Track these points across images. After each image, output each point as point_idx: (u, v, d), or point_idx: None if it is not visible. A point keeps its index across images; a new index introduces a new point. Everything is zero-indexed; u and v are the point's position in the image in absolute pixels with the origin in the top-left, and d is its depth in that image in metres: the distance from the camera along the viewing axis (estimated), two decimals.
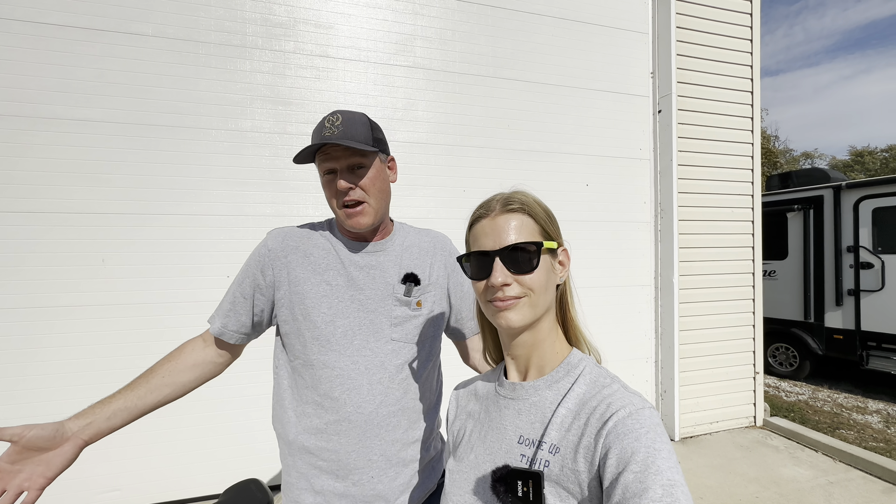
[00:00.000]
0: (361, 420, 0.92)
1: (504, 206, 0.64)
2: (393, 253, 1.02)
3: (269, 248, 0.98)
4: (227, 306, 1.00)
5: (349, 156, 0.91)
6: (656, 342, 3.44)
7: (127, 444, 2.36)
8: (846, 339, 4.88)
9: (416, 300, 1.00)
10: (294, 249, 0.98)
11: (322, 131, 0.90)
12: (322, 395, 0.93)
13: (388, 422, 0.95)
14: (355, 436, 0.92)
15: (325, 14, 2.71)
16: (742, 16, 3.53)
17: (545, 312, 0.65)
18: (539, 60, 3.14)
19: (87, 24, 2.31)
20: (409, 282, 0.99)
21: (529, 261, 0.61)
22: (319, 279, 0.96)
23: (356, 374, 0.93)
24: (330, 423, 0.93)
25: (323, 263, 0.98)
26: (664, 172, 3.36)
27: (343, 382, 0.93)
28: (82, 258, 2.31)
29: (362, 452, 0.93)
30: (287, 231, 1.02)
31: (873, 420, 4.18)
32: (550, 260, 0.65)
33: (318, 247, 0.99)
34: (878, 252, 4.63)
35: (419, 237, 1.08)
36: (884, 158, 22.61)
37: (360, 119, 0.93)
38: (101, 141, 2.33)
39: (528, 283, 0.62)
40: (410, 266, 1.02)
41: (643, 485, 0.47)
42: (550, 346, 0.67)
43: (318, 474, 0.94)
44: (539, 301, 0.63)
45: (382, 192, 0.97)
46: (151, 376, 0.95)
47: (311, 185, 2.66)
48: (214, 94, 2.50)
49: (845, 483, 2.67)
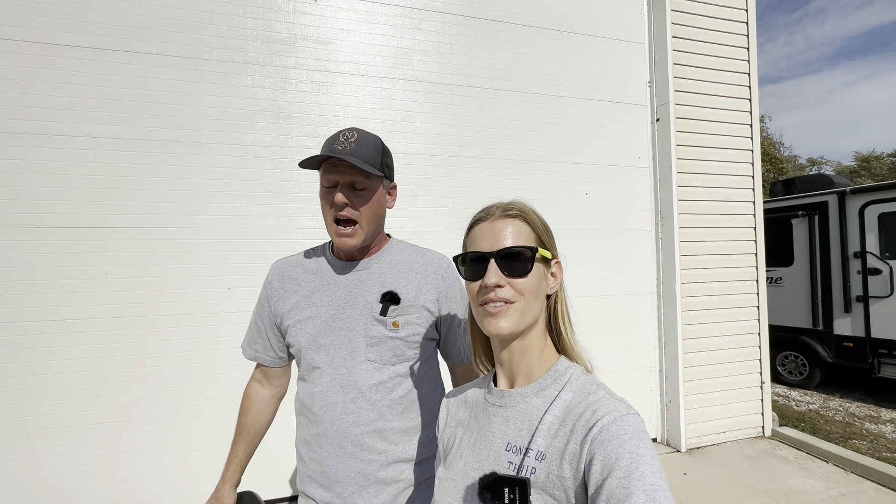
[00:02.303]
0: (337, 436, 0.96)
1: (503, 211, 0.67)
2: (377, 270, 1.02)
3: (269, 280, 1.08)
4: (253, 335, 1.12)
5: (354, 174, 0.93)
6: (659, 351, 3.40)
7: (123, 457, 2.37)
8: (856, 347, 4.79)
9: (393, 320, 0.97)
10: (289, 279, 1.05)
11: (334, 143, 0.92)
12: (308, 409, 1.00)
13: (363, 441, 0.95)
14: (333, 451, 0.96)
15: (324, 30, 2.77)
16: (738, 24, 3.56)
17: (534, 321, 0.66)
18: (536, 72, 3.18)
19: (93, 44, 2.38)
20: (385, 300, 0.98)
21: (524, 265, 0.63)
22: (308, 302, 1.02)
23: (333, 392, 0.97)
24: (314, 435, 0.99)
25: (311, 287, 1.03)
26: (664, 180, 3.36)
27: (322, 399, 0.98)
28: (86, 272, 2.34)
29: (341, 467, 0.96)
30: (284, 262, 1.09)
31: (887, 430, 4.08)
32: (543, 269, 0.66)
33: (309, 271, 1.05)
34: (886, 258, 4.57)
35: (413, 256, 1.06)
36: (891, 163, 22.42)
37: (373, 141, 0.96)
38: (106, 156, 2.38)
39: (520, 287, 0.63)
40: (392, 284, 1.00)
41: (627, 490, 0.47)
42: (539, 354, 0.68)
43: (309, 481, 1.01)
44: (528, 308, 0.64)
45: (376, 216, 0.99)
46: (240, 429, 1.12)
47: (312, 198, 2.69)
48: (216, 110, 2.56)
49: (857, 495, 2.60)
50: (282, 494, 2.60)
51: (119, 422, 2.36)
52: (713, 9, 3.48)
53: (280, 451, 2.56)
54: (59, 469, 2.27)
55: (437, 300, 1.03)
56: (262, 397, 1.14)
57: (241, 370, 2.49)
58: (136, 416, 2.38)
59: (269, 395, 1.16)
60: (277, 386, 1.16)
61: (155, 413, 2.41)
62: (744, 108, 3.55)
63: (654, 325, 3.41)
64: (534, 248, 0.63)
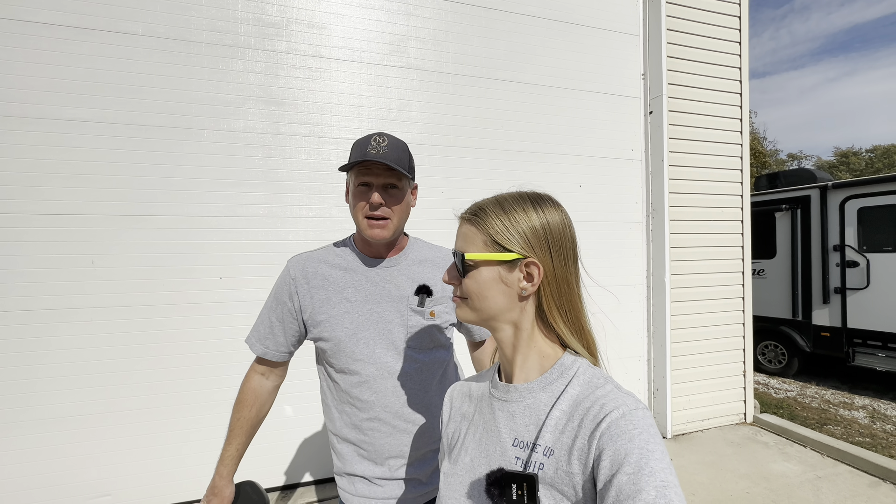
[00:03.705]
0: (390, 417, 1.07)
1: (466, 212, 0.70)
2: (406, 267, 1.12)
3: (292, 276, 1.09)
4: (265, 331, 1.12)
5: (388, 176, 1.01)
6: (649, 341, 3.47)
7: (116, 448, 2.34)
8: (833, 337, 4.98)
9: (430, 310, 1.10)
10: (314, 275, 1.08)
11: (367, 147, 1.00)
12: (354, 398, 1.07)
13: (414, 418, 1.09)
14: (387, 431, 1.07)
15: (318, 14, 2.70)
16: (731, 18, 3.58)
17: (502, 317, 0.66)
18: (532, 62, 3.16)
19: (76, 23, 2.28)
20: (422, 293, 1.09)
21: (460, 268, 0.67)
22: (340, 297, 1.07)
23: (381, 380, 1.06)
24: (364, 420, 1.07)
25: (341, 283, 1.08)
26: (655, 173, 3.40)
27: (370, 387, 1.06)
28: (71, 260, 2.28)
29: (395, 445, 1.08)
30: (305, 258, 1.12)
31: (859, 416, 4.26)
32: (500, 271, 0.65)
33: (336, 267, 1.10)
34: (864, 251, 4.73)
35: (432, 252, 1.18)
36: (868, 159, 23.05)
37: (402, 146, 1.05)
38: (90, 141, 2.30)
39: (463, 289, 0.67)
40: (423, 279, 1.11)
41: (637, 486, 0.47)
42: (537, 351, 0.67)
43: (360, 460, 1.10)
44: (480, 307, 0.66)
45: (404, 214, 1.08)
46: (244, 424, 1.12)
47: (305, 186, 2.65)
48: (206, 94, 2.48)
49: (833, 477, 2.72)
50: (277, 483, 2.61)
51: (107, 413, 2.32)
52: (707, 1, 3.50)
53: (275, 440, 2.57)
54: (47, 461, 2.23)
55: None
56: (265, 389, 1.15)
57: (232, 361, 2.47)
58: (125, 407, 2.34)
59: (273, 386, 1.17)
60: (280, 376, 1.19)
61: (143, 404, 2.37)
62: (734, 103, 3.59)
63: (643, 315, 3.47)
64: (460, 254, 0.67)
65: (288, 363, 1.19)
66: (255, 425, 1.14)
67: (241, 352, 1.16)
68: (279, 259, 2.12)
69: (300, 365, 1.43)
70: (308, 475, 2.68)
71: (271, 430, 2.32)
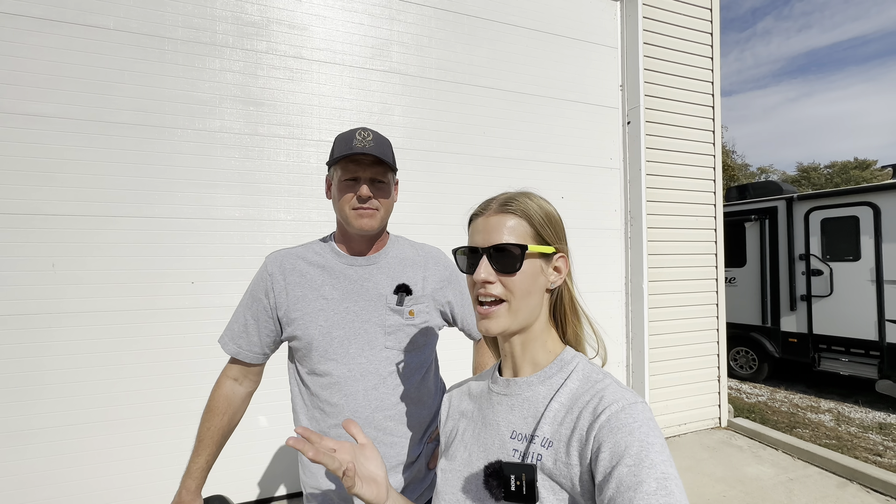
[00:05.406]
0: (360, 423, 0.99)
1: (500, 205, 0.66)
2: (386, 265, 1.09)
3: (269, 272, 1.05)
4: (239, 329, 1.06)
5: (375, 170, 1.00)
6: (627, 346, 3.52)
7: (74, 463, 2.19)
8: (800, 343, 5.17)
9: (409, 309, 1.06)
10: (291, 271, 1.05)
11: (352, 141, 0.98)
12: (324, 402, 1.02)
13: (386, 425, 1.02)
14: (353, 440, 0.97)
15: (299, 15, 2.66)
16: (703, 34, 3.72)
17: (531, 318, 0.65)
18: (514, 70, 3.20)
19: (40, 14, 2.17)
20: (401, 292, 1.06)
21: (513, 262, 0.62)
22: (316, 294, 1.03)
23: (352, 381, 1.00)
24: (332, 426, 1.01)
25: (319, 280, 1.04)
26: (633, 181, 3.47)
27: (341, 389, 1.00)
28: (29, 262, 2.14)
29: None
30: (283, 254, 1.08)
31: (826, 419, 4.42)
32: (541, 264, 0.65)
33: (313, 264, 1.06)
34: (827, 260, 4.95)
35: (413, 251, 1.14)
36: (827, 174, 24.31)
37: (386, 142, 1.04)
38: (54, 137, 2.18)
39: (510, 285, 0.62)
40: (402, 277, 1.08)
41: (637, 478, 0.47)
42: (542, 345, 0.68)
43: (327, 473, 1.02)
44: (521, 306, 0.63)
45: (390, 207, 1.08)
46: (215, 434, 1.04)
47: (283, 189, 2.58)
48: (181, 92, 2.40)
49: (804, 479, 2.79)
50: (249, 497, 2.49)
51: (63, 426, 2.17)
52: (682, 18, 3.63)
53: (250, 452, 2.46)
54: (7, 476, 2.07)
55: (441, 288, 1.12)
56: (238, 396, 1.09)
57: (205, 368, 2.36)
58: (84, 419, 2.20)
59: (246, 392, 1.11)
60: (255, 382, 1.13)
61: (104, 416, 2.23)
62: (707, 115, 3.72)
63: (622, 321, 3.52)
64: (523, 246, 0.62)
65: (262, 368, 1.14)
66: (225, 435, 1.07)
67: (214, 359, 1.10)
68: (255, 263, 2.05)
69: (275, 373, 1.37)
70: (283, 488, 2.57)
71: (243, 439, 2.21)
